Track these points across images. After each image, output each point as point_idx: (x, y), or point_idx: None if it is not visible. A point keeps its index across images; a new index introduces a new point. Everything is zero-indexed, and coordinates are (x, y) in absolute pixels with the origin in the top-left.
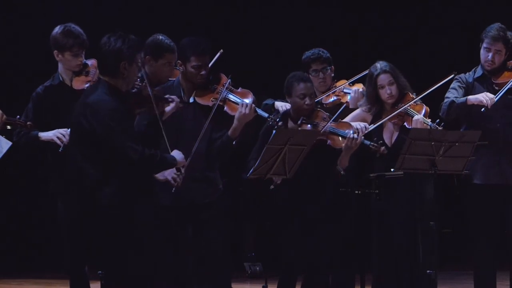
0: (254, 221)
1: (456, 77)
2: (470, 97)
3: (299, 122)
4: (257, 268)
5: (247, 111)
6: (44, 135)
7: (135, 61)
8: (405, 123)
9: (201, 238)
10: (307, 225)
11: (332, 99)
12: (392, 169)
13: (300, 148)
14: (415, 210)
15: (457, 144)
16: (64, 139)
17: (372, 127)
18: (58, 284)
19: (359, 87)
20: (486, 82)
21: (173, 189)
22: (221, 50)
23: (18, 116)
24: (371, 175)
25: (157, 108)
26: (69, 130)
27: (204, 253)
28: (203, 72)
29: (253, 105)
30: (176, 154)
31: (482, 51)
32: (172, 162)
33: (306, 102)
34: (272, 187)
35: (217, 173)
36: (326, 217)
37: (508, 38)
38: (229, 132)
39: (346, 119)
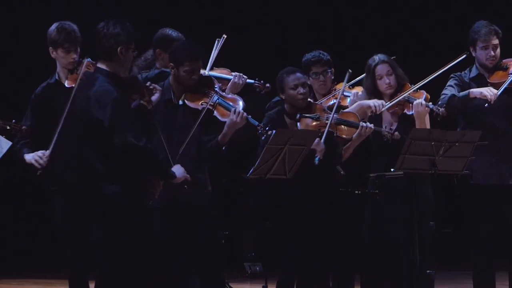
0: (254, 221)
1: (452, 74)
2: (473, 90)
3: (297, 117)
4: (257, 268)
5: (238, 119)
6: (26, 157)
7: (131, 48)
8: (405, 111)
9: (194, 240)
10: (307, 225)
11: (332, 102)
12: (392, 169)
13: (300, 148)
14: (414, 210)
15: (457, 144)
16: (41, 161)
17: (389, 104)
18: (58, 284)
19: (359, 90)
20: (482, 82)
21: (150, 202)
22: (224, 36)
23: (13, 120)
24: (371, 175)
25: (148, 96)
26: (47, 152)
27: (197, 255)
28: (195, 77)
29: (244, 113)
30: (177, 169)
31: (479, 52)
32: (171, 174)
33: (300, 92)
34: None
35: (206, 175)
36: (326, 217)
37: (498, 30)
38: (219, 138)
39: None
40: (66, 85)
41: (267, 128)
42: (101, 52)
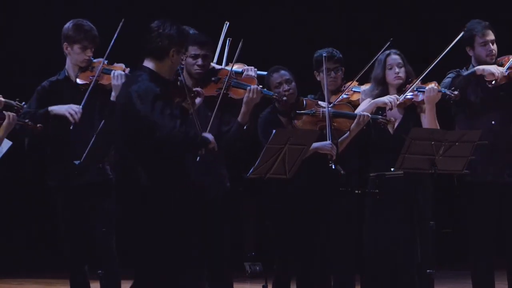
0: (254, 221)
1: (452, 71)
2: (479, 67)
3: (292, 114)
4: (257, 268)
5: (254, 95)
6: (56, 108)
7: (182, 52)
8: (413, 99)
9: (207, 236)
10: (306, 224)
11: (341, 97)
12: (392, 169)
13: (300, 148)
14: (414, 210)
15: (457, 143)
16: (76, 117)
17: (402, 97)
18: (58, 284)
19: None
20: (479, 80)
21: (198, 158)
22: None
23: (17, 99)
24: (371, 174)
25: (190, 99)
26: (81, 107)
27: (208, 251)
28: (199, 63)
29: (259, 87)
30: (207, 135)
31: (479, 49)
32: (206, 140)
33: (285, 89)
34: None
35: (225, 170)
36: (326, 217)
37: (491, 25)
38: (239, 118)
39: (358, 110)
40: (78, 82)
41: (283, 96)
42: (152, 51)
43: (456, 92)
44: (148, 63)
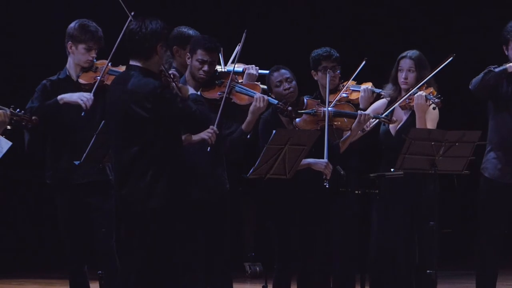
0: (254, 221)
1: (489, 66)
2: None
3: (294, 115)
4: (257, 268)
5: (261, 104)
6: (67, 96)
7: (165, 44)
8: (409, 104)
9: (207, 236)
10: (306, 224)
11: (340, 96)
12: (392, 169)
13: (300, 148)
14: (414, 210)
15: (457, 144)
16: (88, 104)
17: (375, 121)
18: (58, 284)
19: (368, 85)
20: (509, 78)
21: (208, 148)
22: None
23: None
24: (371, 175)
25: (176, 86)
26: (91, 94)
27: (208, 252)
28: (205, 68)
29: (264, 96)
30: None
31: (511, 52)
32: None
33: (285, 87)
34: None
35: (224, 172)
36: (326, 216)
37: None
38: (243, 126)
39: (369, 110)
40: (81, 82)
41: (287, 106)
42: (139, 52)
43: (437, 100)
44: (136, 62)
